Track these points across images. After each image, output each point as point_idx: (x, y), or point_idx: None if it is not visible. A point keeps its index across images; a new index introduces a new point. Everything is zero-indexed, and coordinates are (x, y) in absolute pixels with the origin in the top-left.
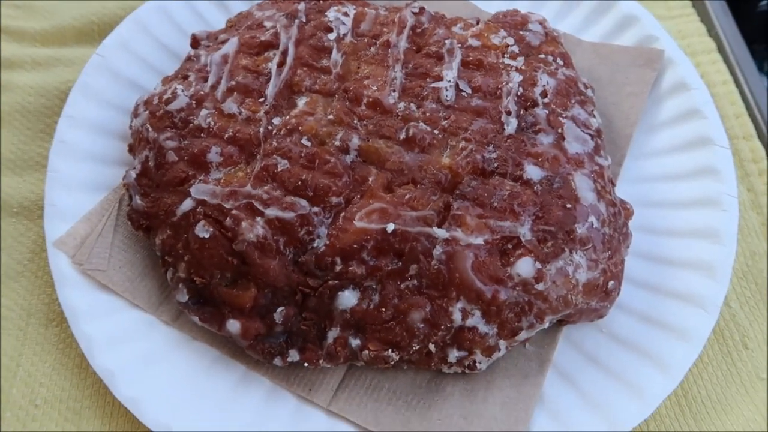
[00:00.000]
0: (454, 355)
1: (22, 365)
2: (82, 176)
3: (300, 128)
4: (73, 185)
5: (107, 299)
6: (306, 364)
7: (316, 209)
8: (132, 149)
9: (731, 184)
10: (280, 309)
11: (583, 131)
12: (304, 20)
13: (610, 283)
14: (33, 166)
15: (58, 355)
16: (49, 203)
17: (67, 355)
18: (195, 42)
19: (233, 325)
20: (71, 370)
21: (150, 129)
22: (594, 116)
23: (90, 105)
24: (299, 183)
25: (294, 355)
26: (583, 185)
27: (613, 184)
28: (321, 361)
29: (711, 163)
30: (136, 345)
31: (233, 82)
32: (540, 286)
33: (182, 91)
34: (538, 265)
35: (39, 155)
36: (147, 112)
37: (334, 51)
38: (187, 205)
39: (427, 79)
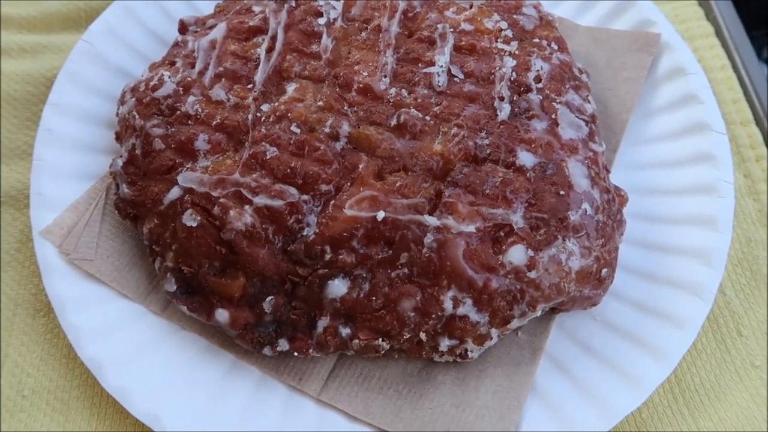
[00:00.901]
0: (445, 343)
1: (9, 356)
2: (68, 165)
3: (289, 115)
4: (60, 174)
5: (94, 289)
6: (296, 354)
7: (305, 197)
8: (119, 137)
9: (728, 171)
10: (269, 298)
11: (577, 117)
12: (293, 5)
13: (604, 270)
14: (19, 154)
15: (46, 345)
16: (35, 192)
17: (54, 346)
18: (183, 27)
19: (222, 315)
20: (59, 360)
21: (137, 116)
22: (589, 102)
23: (76, 92)
24: (288, 170)
25: (284, 345)
26: (576, 172)
27: (608, 171)
28: (311, 351)
29: (708, 149)
30: (124, 335)
31: (221, 68)
32: (532, 274)
33: (169, 77)
34: (531, 253)
35: (25, 144)
36: (134, 99)
37: (324, 36)
38: (174, 193)
39: (419, 65)
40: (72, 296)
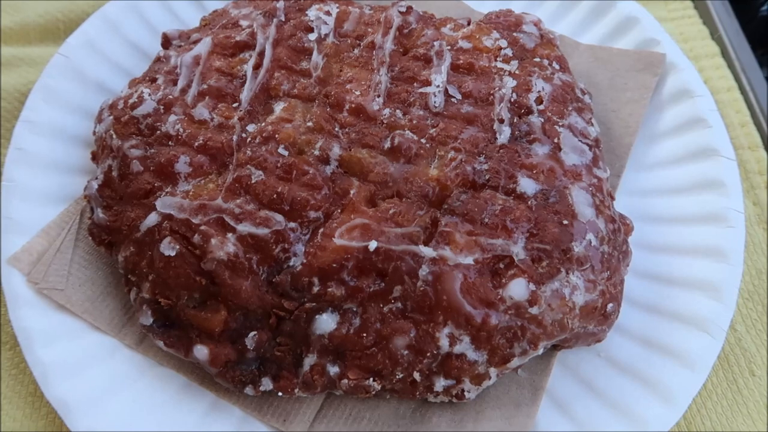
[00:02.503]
0: (440, 383)
1: None
2: (40, 186)
3: (276, 136)
4: (31, 196)
5: (65, 321)
6: (280, 393)
7: (292, 225)
8: (95, 157)
9: (738, 199)
10: (252, 333)
11: (580, 141)
12: (282, 19)
13: (609, 305)
14: None
15: (11, 381)
16: (4, 216)
17: (20, 382)
18: (166, 41)
19: (201, 351)
20: (24, 398)
21: (114, 136)
22: (592, 124)
23: (51, 109)
24: (275, 196)
25: (267, 384)
26: (580, 200)
27: (613, 198)
28: (297, 390)
29: (716, 175)
30: (96, 372)
31: (205, 86)
32: (534, 310)
33: (149, 95)
34: (533, 287)
35: None
36: (111, 117)
37: (315, 52)
38: (152, 219)
39: (414, 84)
40: (40, 329)
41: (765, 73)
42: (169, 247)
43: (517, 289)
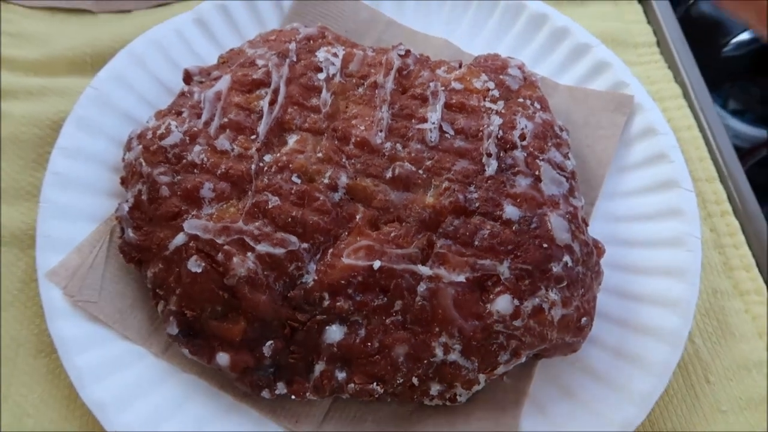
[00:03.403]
0: (435, 388)
1: (10, 396)
2: (74, 207)
3: (290, 165)
4: (66, 216)
5: (97, 331)
6: (293, 397)
7: (305, 245)
8: (124, 182)
9: (696, 226)
10: (269, 342)
11: (558, 173)
12: (294, 59)
13: (583, 319)
14: (24, 195)
15: (47, 386)
16: (41, 234)
17: (55, 387)
18: (188, 77)
19: (222, 358)
20: (60, 401)
21: (143, 163)
22: (569, 158)
23: (83, 137)
24: (289, 219)
25: (281, 388)
26: (558, 226)
27: (587, 224)
28: (308, 394)
29: (677, 204)
30: (126, 376)
31: (226, 119)
32: (517, 322)
33: (176, 127)
34: (516, 302)
35: (30, 185)
36: (140, 146)
37: (324, 90)
38: (179, 239)
39: (413, 120)
40: (75, 337)
41: (723, 104)
42: (195, 265)
43: (503, 304)
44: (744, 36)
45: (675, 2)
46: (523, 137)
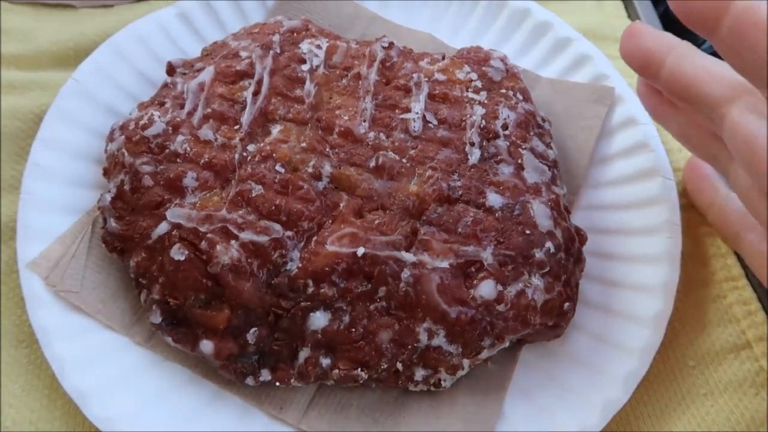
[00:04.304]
0: (420, 373)
1: None
2: (55, 199)
3: (274, 155)
4: (47, 207)
5: (79, 320)
6: (278, 384)
7: (289, 233)
8: (107, 173)
9: (675, 213)
10: (252, 330)
11: (540, 162)
12: (278, 51)
13: (566, 304)
14: (6, 188)
15: (29, 376)
16: (22, 225)
17: (37, 377)
18: (171, 69)
19: (206, 346)
20: (41, 391)
21: (126, 154)
22: (551, 148)
23: (65, 128)
24: (273, 208)
25: (266, 375)
26: (540, 213)
27: (569, 212)
28: (292, 381)
29: (657, 193)
30: (108, 365)
31: (209, 110)
32: (501, 308)
33: (159, 117)
34: (500, 288)
35: (12, 178)
36: (123, 137)
37: (308, 81)
38: (162, 228)
39: (396, 111)
40: (57, 327)
41: None
42: (178, 253)
43: (486, 289)
44: None
45: (655, 1)
46: (505, 127)
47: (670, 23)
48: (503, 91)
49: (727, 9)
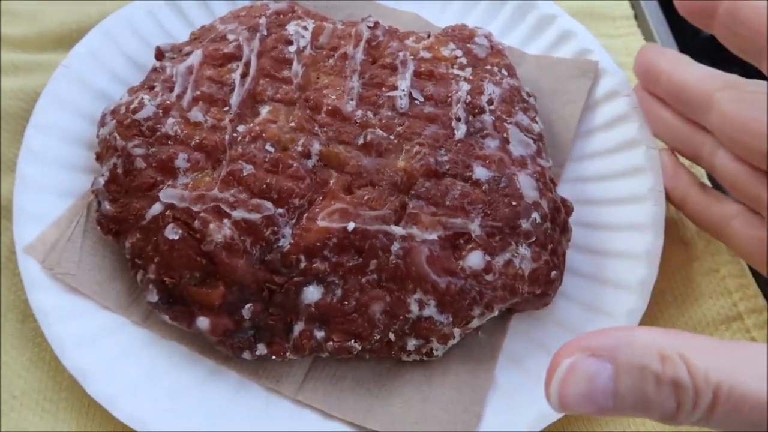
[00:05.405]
0: (412, 343)
1: (2, 357)
2: (49, 183)
3: (263, 135)
4: (42, 191)
5: (77, 301)
6: (273, 357)
7: (280, 210)
8: (99, 157)
9: (658, 180)
10: (247, 305)
11: (526, 136)
12: (265, 33)
13: (553, 272)
14: (12, 168)
15: (35, 349)
16: (18, 209)
17: (44, 350)
18: (159, 54)
19: (203, 322)
20: (48, 363)
21: (118, 137)
22: (536, 122)
23: (57, 113)
24: (264, 186)
25: (262, 349)
26: (526, 184)
27: (555, 184)
28: (288, 354)
29: (641, 162)
30: (107, 344)
31: (198, 92)
32: (489, 277)
33: (149, 100)
34: (488, 258)
35: (16, 156)
36: (114, 121)
37: (295, 62)
38: (156, 209)
39: (383, 89)
40: (55, 308)
41: None
42: (172, 232)
43: (475, 260)
44: None
45: None
46: (490, 102)
47: (669, 7)
48: (488, 67)
49: None
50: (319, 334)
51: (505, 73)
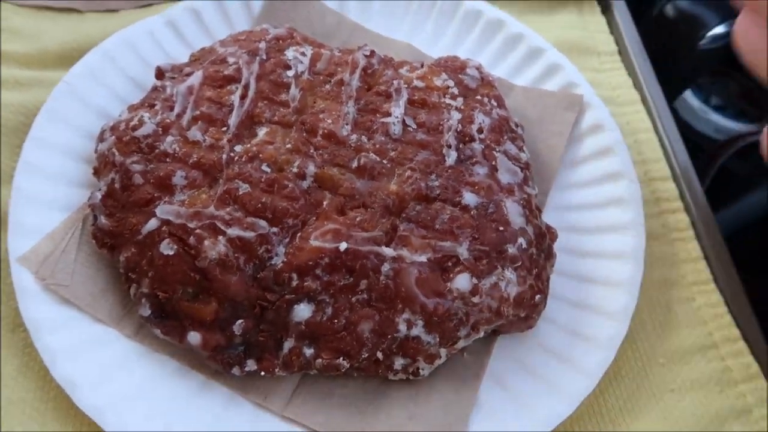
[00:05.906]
0: (399, 362)
1: None
2: (45, 196)
3: (260, 155)
4: (37, 204)
5: (69, 313)
6: (263, 373)
7: (274, 229)
8: (97, 172)
9: (639, 214)
10: (239, 321)
11: (513, 164)
12: (264, 57)
13: (537, 296)
14: (8, 180)
15: (24, 358)
16: (13, 221)
17: (33, 359)
18: (160, 74)
19: (194, 337)
20: (36, 373)
21: (116, 153)
22: (523, 151)
23: (55, 128)
24: (259, 205)
25: (251, 365)
26: (513, 211)
27: (540, 211)
28: (277, 370)
29: (622, 194)
30: (98, 356)
31: (198, 112)
32: (476, 299)
33: (149, 118)
34: (475, 281)
35: (13, 169)
36: (113, 137)
37: (293, 86)
38: (152, 224)
39: (377, 115)
40: (46, 318)
41: (705, 99)
42: (168, 248)
43: (462, 282)
44: (719, 29)
45: (636, 17)
46: (480, 131)
47: (665, 22)
48: (478, 97)
49: None
50: (309, 352)
51: (495, 104)
